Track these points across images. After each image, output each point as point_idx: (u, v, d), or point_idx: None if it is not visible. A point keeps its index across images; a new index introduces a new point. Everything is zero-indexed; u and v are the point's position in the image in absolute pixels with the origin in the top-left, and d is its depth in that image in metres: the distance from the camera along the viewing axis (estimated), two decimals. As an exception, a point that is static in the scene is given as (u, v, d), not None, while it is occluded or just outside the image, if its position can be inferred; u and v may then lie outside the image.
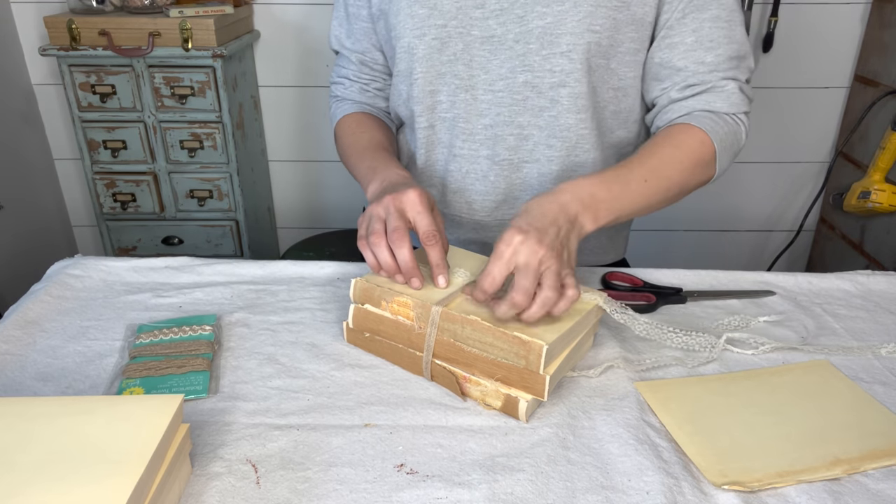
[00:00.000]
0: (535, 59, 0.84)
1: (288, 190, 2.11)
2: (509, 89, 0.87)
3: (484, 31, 0.84)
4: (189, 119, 1.68)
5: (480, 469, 0.57)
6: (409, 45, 0.87)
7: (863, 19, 1.81)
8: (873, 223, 1.76)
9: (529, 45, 0.84)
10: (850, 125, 1.82)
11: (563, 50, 0.83)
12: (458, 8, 0.84)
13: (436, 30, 0.85)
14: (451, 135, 0.92)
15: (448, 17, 0.85)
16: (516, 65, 0.85)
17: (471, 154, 0.92)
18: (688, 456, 0.59)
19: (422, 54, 0.87)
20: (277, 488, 0.55)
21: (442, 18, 0.85)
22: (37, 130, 1.97)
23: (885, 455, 0.59)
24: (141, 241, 1.82)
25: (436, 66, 0.88)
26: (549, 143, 0.89)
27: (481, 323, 0.63)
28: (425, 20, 0.85)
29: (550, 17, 0.81)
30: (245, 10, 1.79)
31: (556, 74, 0.84)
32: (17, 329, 0.75)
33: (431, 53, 0.87)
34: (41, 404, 0.54)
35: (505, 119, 0.89)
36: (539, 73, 0.85)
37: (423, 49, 0.87)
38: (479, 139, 0.90)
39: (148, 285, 0.86)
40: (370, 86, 1.00)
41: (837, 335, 0.78)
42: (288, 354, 0.72)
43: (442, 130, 0.92)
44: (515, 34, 0.84)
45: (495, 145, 0.90)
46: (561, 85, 0.85)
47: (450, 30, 0.85)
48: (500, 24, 0.84)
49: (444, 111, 0.91)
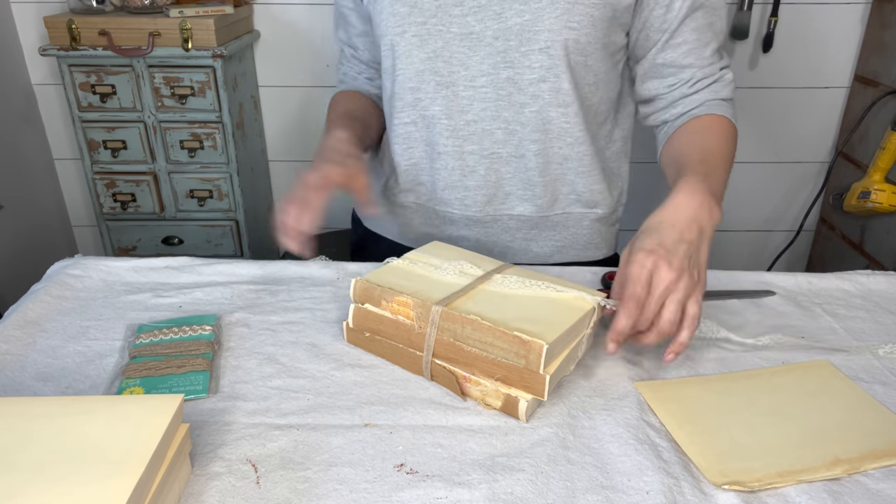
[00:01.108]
0: (515, 55, 0.86)
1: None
2: (493, 85, 0.88)
3: (462, 27, 0.86)
4: (189, 119, 1.68)
5: (480, 469, 0.57)
6: (391, 43, 0.90)
7: (863, 19, 1.81)
8: (873, 223, 1.76)
9: (509, 42, 0.85)
10: (850, 125, 1.82)
11: (541, 46, 0.85)
12: (437, 6, 0.86)
13: (416, 27, 0.87)
14: (434, 132, 0.93)
15: (427, 15, 0.86)
16: (498, 61, 0.87)
17: (455, 150, 0.93)
18: (688, 456, 0.59)
19: (402, 51, 0.89)
20: (277, 488, 0.55)
21: (422, 16, 0.87)
22: (37, 130, 1.97)
23: (885, 455, 0.59)
24: (141, 241, 1.82)
25: (415, 64, 0.90)
26: (534, 138, 0.91)
27: (481, 322, 0.63)
28: (406, 17, 0.87)
29: (528, 14, 0.83)
30: (245, 10, 1.79)
31: (535, 70, 0.86)
32: (17, 329, 0.75)
33: (412, 50, 0.89)
34: (41, 404, 0.54)
35: (491, 114, 0.90)
36: (519, 69, 0.87)
37: (403, 46, 0.89)
38: (462, 135, 0.92)
39: (148, 285, 0.86)
40: (361, 76, 1.06)
41: (837, 335, 0.78)
42: (288, 354, 0.72)
43: (423, 127, 0.94)
44: (494, 31, 0.85)
45: (482, 140, 0.92)
46: (542, 80, 0.87)
47: (429, 27, 0.87)
48: (478, 20, 0.85)
49: (425, 108, 0.92)
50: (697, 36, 0.88)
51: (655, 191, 1.85)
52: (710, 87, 0.90)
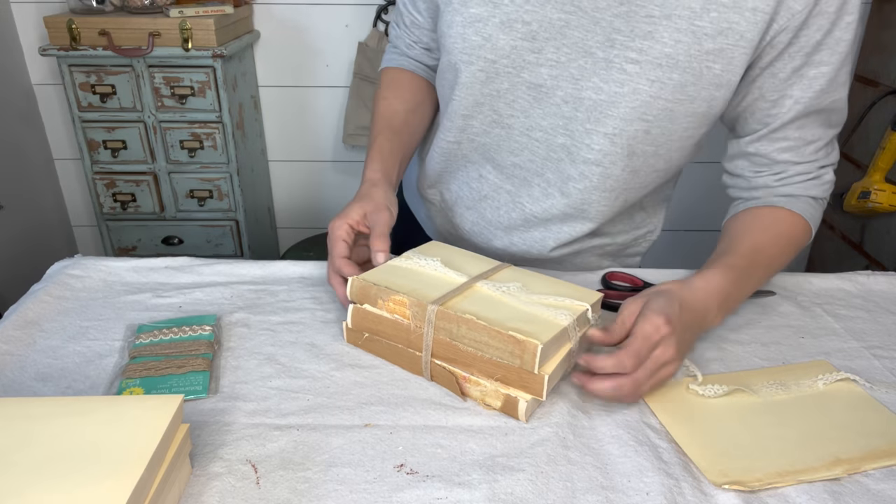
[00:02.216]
0: (578, 129, 0.79)
1: (288, 190, 2.11)
2: (547, 144, 0.83)
3: (534, 77, 0.79)
4: (189, 119, 1.68)
5: (480, 469, 0.57)
6: (455, 64, 0.82)
7: (863, 19, 1.81)
8: (873, 223, 1.76)
9: (577, 113, 0.79)
10: (850, 125, 1.82)
11: (607, 131, 0.77)
12: (512, 47, 0.78)
13: (484, 63, 0.80)
14: (480, 155, 0.89)
15: (500, 55, 0.79)
16: (559, 125, 0.81)
17: (495, 182, 0.90)
18: (688, 456, 0.59)
19: (465, 80, 0.82)
20: (277, 488, 0.55)
21: (493, 53, 0.79)
22: (37, 130, 1.97)
23: (885, 455, 0.59)
24: (141, 241, 1.82)
25: (475, 96, 0.83)
26: (567, 212, 0.87)
27: (476, 322, 0.63)
28: (476, 49, 0.80)
29: (605, 94, 0.76)
30: (245, 10, 1.79)
31: (593, 152, 0.80)
32: (17, 329, 0.75)
33: (474, 84, 0.82)
34: (41, 404, 0.54)
35: (537, 169, 0.85)
36: (578, 144, 0.81)
37: (467, 76, 0.82)
38: (507, 173, 0.88)
39: (148, 285, 0.86)
40: (418, 45, 0.97)
41: (837, 335, 0.78)
42: (288, 354, 0.72)
43: (469, 149, 0.89)
44: (565, 94, 0.79)
45: (520, 188, 0.88)
46: (596, 164, 0.81)
47: (499, 67, 0.80)
48: (552, 76, 0.78)
49: (475, 135, 0.87)
50: (801, 135, 0.78)
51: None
52: (801, 185, 0.81)
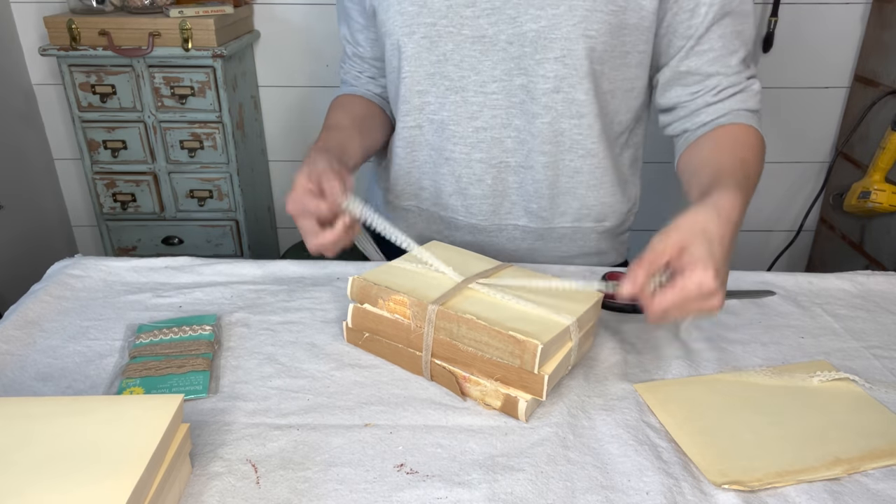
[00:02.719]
0: (529, 62, 0.83)
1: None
2: (505, 91, 0.85)
3: (475, 30, 0.83)
4: (189, 119, 1.68)
5: (480, 469, 0.57)
6: (398, 43, 0.86)
7: (863, 19, 1.81)
8: (873, 223, 1.76)
9: (524, 48, 0.82)
10: (850, 125, 1.82)
11: (557, 55, 0.81)
12: (447, 6, 0.82)
13: (425, 28, 0.84)
14: (441, 137, 0.91)
15: (438, 16, 0.83)
16: (511, 67, 0.83)
17: (463, 157, 0.91)
18: (688, 456, 0.59)
19: (410, 53, 0.86)
20: (277, 488, 0.55)
21: (431, 16, 0.83)
22: (37, 130, 1.97)
23: (885, 455, 0.59)
24: (141, 241, 1.82)
25: (424, 66, 0.86)
26: (544, 150, 0.88)
27: (476, 322, 0.63)
28: (414, 17, 0.83)
29: (544, 20, 0.80)
30: (245, 10, 1.79)
31: (549, 80, 0.83)
32: (17, 329, 0.75)
33: (420, 52, 0.85)
34: (41, 404, 0.54)
35: (502, 122, 0.87)
36: (533, 77, 0.83)
37: (411, 48, 0.85)
38: (470, 142, 0.89)
39: (148, 285, 0.86)
40: (363, 74, 1.02)
41: (837, 335, 0.78)
42: (288, 354, 0.72)
43: (430, 132, 0.91)
44: (508, 36, 0.82)
45: (491, 148, 0.89)
46: (555, 91, 0.83)
47: (439, 28, 0.83)
48: (491, 23, 0.82)
49: (433, 112, 0.89)
50: (724, 43, 0.84)
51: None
52: (737, 97, 0.86)
